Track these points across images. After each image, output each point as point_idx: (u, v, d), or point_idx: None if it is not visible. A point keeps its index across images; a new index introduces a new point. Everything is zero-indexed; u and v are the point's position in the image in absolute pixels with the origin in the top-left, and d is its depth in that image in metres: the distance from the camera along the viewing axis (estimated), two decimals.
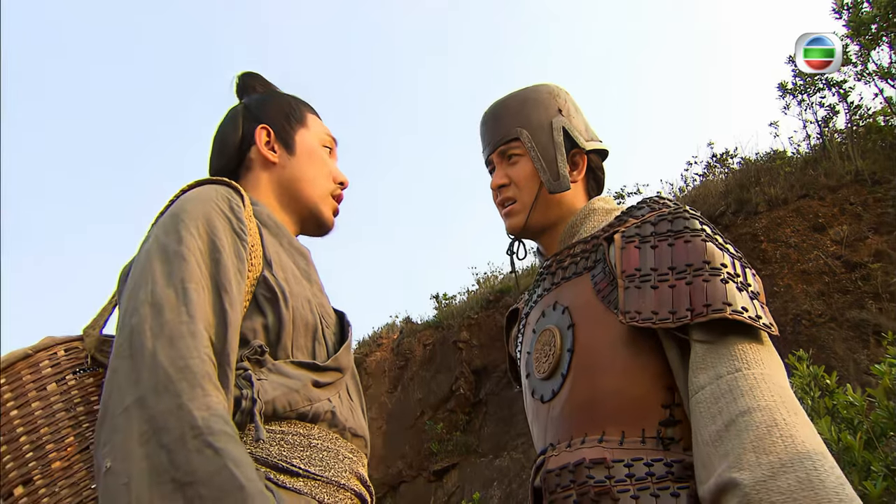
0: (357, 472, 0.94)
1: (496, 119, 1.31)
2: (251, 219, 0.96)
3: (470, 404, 7.45)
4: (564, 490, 1.00)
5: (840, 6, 6.50)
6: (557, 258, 1.25)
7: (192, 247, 0.85)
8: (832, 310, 4.95)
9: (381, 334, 9.44)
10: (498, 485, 6.36)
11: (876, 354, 4.25)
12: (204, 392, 0.73)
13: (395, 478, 7.47)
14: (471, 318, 7.88)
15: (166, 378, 0.73)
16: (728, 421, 0.87)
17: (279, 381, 0.86)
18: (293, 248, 1.05)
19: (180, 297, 0.79)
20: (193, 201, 0.91)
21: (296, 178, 1.10)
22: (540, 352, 1.18)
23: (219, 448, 0.69)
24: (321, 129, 1.19)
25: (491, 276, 9.22)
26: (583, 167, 1.30)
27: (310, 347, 0.95)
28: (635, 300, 1.03)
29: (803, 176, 6.12)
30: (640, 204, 1.22)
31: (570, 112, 1.31)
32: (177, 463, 0.67)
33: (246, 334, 0.88)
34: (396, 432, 7.73)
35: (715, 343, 0.97)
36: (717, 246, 1.06)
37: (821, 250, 5.32)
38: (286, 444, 0.84)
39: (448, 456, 7.19)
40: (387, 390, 8.32)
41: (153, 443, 0.69)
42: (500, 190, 1.30)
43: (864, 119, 6.78)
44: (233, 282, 0.85)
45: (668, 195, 7.74)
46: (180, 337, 0.76)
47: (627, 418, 1.02)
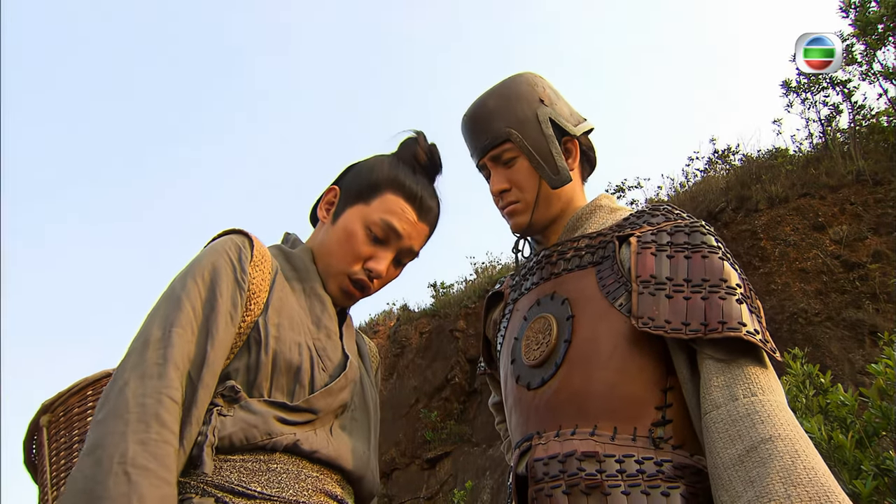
0: (323, 490, 0.98)
1: (481, 122, 1.27)
2: (259, 266, 1.05)
3: (465, 393, 7.48)
4: (553, 480, 1.00)
5: (847, 5, 6.46)
6: (559, 249, 1.24)
7: (192, 294, 0.96)
8: (829, 309, 4.96)
9: (377, 321, 9.46)
10: (490, 474, 6.39)
11: (871, 355, 4.27)
12: (147, 427, 0.83)
13: (388, 465, 7.50)
14: (468, 308, 7.89)
15: (124, 407, 0.84)
16: (749, 446, 0.90)
17: (241, 417, 0.94)
18: (314, 293, 1.11)
19: (164, 339, 0.91)
20: (208, 251, 1.03)
21: (326, 245, 1.16)
22: (532, 339, 1.18)
23: (133, 480, 0.79)
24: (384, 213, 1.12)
25: (489, 265, 9.23)
26: (576, 153, 1.29)
27: (290, 388, 1.00)
28: (649, 306, 1.05)
29: (804, 174, 6.11)
30: (653, 210, 1.23)
31: (551, 100, 1.28)
32: (98, 478, 0.79)
33: (230, 373, 0.98)
34: (391, 420, 7.75)
35: (728, 362, 0.99)
36: (732, 266, 1.08)
37: (820, 249, 5.32)
38: (245, 470, 0.93)
39: (442, 444, 7.22)
40: (382, 377, 8.34)
41: (93, 456, 0.81)
42: (501, 195, 1.27)
43: (867, 119, 6.76)
44: (221, 326, 0.96)
45: (669, 190, 7.74)
46: (150, 377, 0.87)
47: (620, 415, 1.03)
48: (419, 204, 1.16)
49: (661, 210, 1.23)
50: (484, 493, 6.24)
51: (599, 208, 1.28)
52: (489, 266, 9.22)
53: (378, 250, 1.13)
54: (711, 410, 0.96)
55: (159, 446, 0.83)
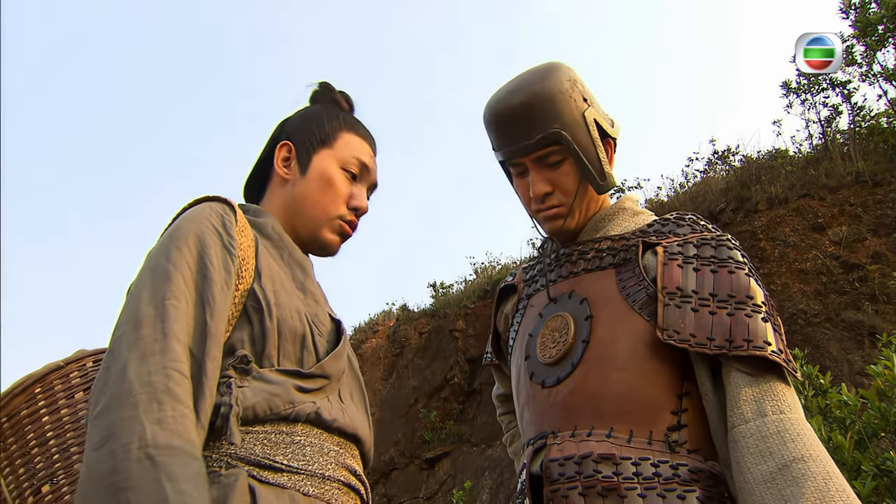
0: (345, 464, 0.97)
1: (523, 120, 1.18)
2: (243, 232, 1.00)
3: (464, 393, 7.47)
4: (570, 481, 1.00)
5: (847, 6, 6.46)
6: (580, 249, 1.23)
7: (181, 264, 0.90)
8: (828, 310, 4.96)
9: (377, 321, 9.45)
10: (489, 474, 6.39)
11: (870, 356, 4.27)
12: (160, 406, 0.78)
13: (387, 465, 7.50)
14: (467, 308, 7.89)
15: (129, 390, 0.78)
16: (781, 464, 0.92)
17: (260, 388, 0.91)
18: (293, 260, 1.09)
19: (158, 313, 0.85)
20: (187, 220, 0.97)
21: (301, 199, 1.13)
22: (547, 337, 1.17)
23: (157, 461, 0.73)
24: (350, 151, 1.16)
25: (488, 266, 9.23)
26: (612, 155, 1.26)
27: (298, 355, 0.98)
28: (675, 319, 1.05)
29: (804, 175, 6.11)
30: (678, 220, 1.23)
31: (592, 98, 1.24)
32: (118, 469, 0.73)
33: (234, 344, 0.94)
34: (390, 419, 7.75)
35: (756, 377, 1.00)
36: (757, 282, 1.09)
37: (819, 250, 5.32)
38: (269, 443, 0.89)
39: (441, 444, 7.22)
40: (381, 377, 8.34)
41: (105, 448, 0.75)
42: (544, 199, 1.21)
43: (866, 120, 6.76)
44: (217, 295, 0.91)
45: (669, 191, 7.74)
46: (151, 354, 0.81)
47: (636, 417, 1.03)
48: (370, 140, 1.22)
49: (687, 220, 1.22)
50: (483, 493, 6.24)
51: (623, 210, 1.27)
52: (489, 266, 9.22)
53: (354, 188, 1.16)
54: (740, 424, 0.98)
55: (178, 422, 0.78)
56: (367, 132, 1.22)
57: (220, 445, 0.86)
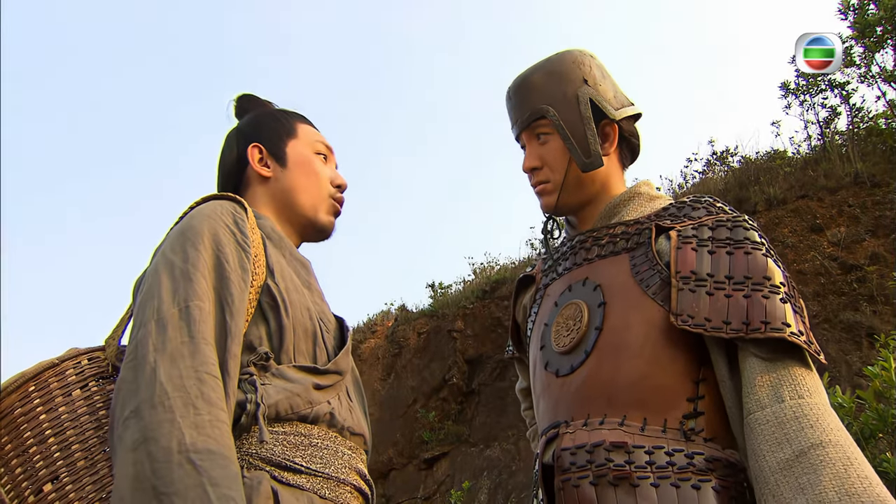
0: (356, 468, 0.98)
1: (522, 96, 1.25)
2: (255, 230, 1.02)
3: (462, 394, 7.47)
4: (581, 470, 0.98)
5: (846, 7, 6.47)
6: (594, 235, 1.22)
7: (198, 263, 0.90)
8: (827, 311, 4.97)
9: (375, 321, 9.44)
10: (488, 474, 6.39)
11: (868, 357, 4.27)
12: (196, 411, 0.78)
13: (385, 465, 7.50)
14: (466, 308, 7.88)
15: (163, 393, 0.78)
16: (799, 451, 0.87)
17: (282, 386, 0.92)
18: (294, 258, 1.11)
19: (183, 315, 0.85)
20: (200, 217, 0.97)
21: (290, 189, 1.15)
22: (562, 325, 1.15)
23: (199, 466, 0.74)
24: (313, 137, 1.22)
25: (487, 266, 9.23)
26: (614, 138, 1.25)
27: (311, 352, 0.99)
28: (689, 304, 1.02)
29: (803, 176, 6.12)
30: (694, 203, 1.21)
31: (596, 80, 1.24)
32: (159, 473, 0.73)
33: (252, 341, 0.94)
34: (388, 419, 7.74)
35: (772, 361, 0.97)
36: (775, 263, 1.06)
37: (817, 251, 5.33)
38: (289, 444, 0.89)
39: (439, 444, 7.21)
40: (380, 377, 8.34)
41: (142, 450, 0.74)
42: (532, 172, 1.26)
43: (865, 121, 6.76)
44: (235, 294, 0.91)
45: (668, 191, 7.74)
46: (181, 357, 0.81)
47: (650, 405, 1.01)
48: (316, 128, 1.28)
49: (703, 203, 1.20)
50: (481, 493, 6.24)
51: (638, 195, 1.25)
52: (487, 266, 9.22)
53: (329, 169, 1.22)
54: (756, 411, 0.94)
55: (215, 426, 0.78)
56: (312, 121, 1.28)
57: (241, 444, 0.86)
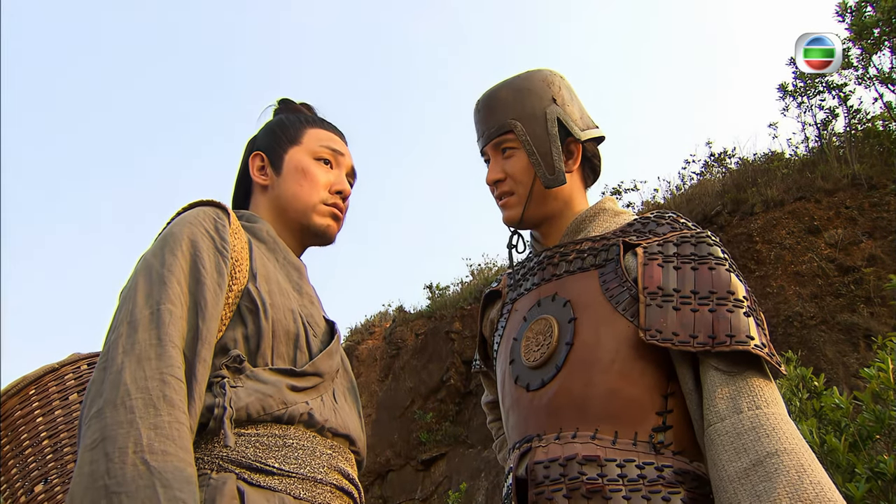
0: (338, 468, 0.97)
1: (490, 109, 1.28)
2: (237, 235, 1.03)
3: (460, 395, 7.47)
4: (554, 483, 1.00)
5: (843, 9, 6.48)
6: (561, 251, 1.24)
7: (174, 268, 0.92)
8: (824, 312, 4.98)
9: (373, 322, 9.44)
10: (485, 476, 6.39)
11: (865, 358, 4.28)
12: (157, 412, 0.79)
13: (383, 466, 7.50)
14: (463, 309, 7.89)
15: (125, 394, 0.79)
16: (755, 460, 0.91)
17: (254, 388, 0.92)
18: (288, 262, 1.12)
19: (154, 318, 0.86)
20: (181, 223, 0.99)
21: (283, 196, 1.17)
22: (532, 340, 1.17)
23: (152, 467, 0.74)
24: (319, 142, 1.20)
25: (485, 267, 9.23)
26: (578, 156, 1.28)
27: (291, 355, 1.00)
28: (657, 319, 1.05)
29: (800, 178, 6.13)
30: (658, 219, 1.23)
31: (564, 100, 1.28)
32: (112, 472, 0.74)
33: (227, 343, 0.95)
34: (386, 421, 7.74)
35: (732, 374, 1.00)
36: (738, 277, 1.09)
37: (815, 253, 5.34)
38: (261, 445, 0.90)
39: (437, 446, 7.21)
40: (377, 378, 8.33)
41: (99, 449, 0.76)
42: (496, 185, 1.29)
43: (862, 123, 6.78)
44: (209, 298, 0.92)
45: (665, 193, 7.75)
46: (147, 359, 0.82)
47: (621, 419, 1.03)
48: (337, 131, 1.25)
49: (667, 219, 1.23)
50: (479, 494, 6.24)
51: (603, 211, 1.28)
52: (485, 268, 9.23)
53: (332, 174, 1.20)
54: (716, 422, 0.97)
55: (174, 428, 0.79)
56: (332, 125, 1.25)
57: (211, 447, 0.87)
